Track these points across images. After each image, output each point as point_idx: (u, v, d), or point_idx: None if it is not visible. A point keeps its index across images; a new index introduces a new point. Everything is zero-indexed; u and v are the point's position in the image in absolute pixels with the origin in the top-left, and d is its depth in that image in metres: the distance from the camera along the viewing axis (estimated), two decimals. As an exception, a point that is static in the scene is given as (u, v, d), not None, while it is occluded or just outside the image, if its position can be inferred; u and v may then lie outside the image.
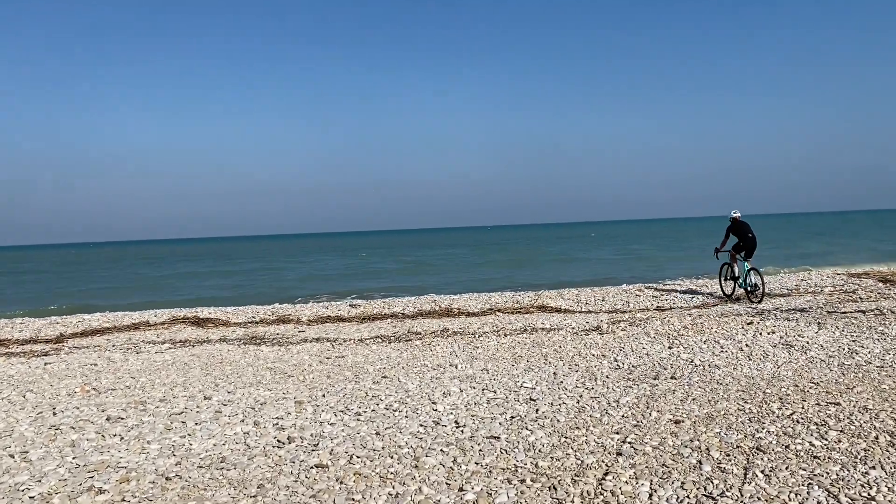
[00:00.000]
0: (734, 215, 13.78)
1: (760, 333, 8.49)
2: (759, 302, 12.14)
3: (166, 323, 12.90)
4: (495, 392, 6.24)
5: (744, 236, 13.10)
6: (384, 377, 7.17)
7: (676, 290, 14.52)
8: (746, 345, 7.87)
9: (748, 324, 9.29)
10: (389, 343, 9.50)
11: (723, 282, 13.56)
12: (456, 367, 7.49)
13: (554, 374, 6.96)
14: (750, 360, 7.16)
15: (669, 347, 8.05)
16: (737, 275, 13.07)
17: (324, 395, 6.40)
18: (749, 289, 12.50)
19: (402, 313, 12.77)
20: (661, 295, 13.75)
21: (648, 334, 9.06)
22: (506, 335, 9.62)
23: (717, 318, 9.93)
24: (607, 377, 6.72)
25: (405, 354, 8.55)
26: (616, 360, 7.51)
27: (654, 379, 6.54)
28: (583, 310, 12.52)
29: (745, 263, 12.88)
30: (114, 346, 10.43)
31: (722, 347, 7.84)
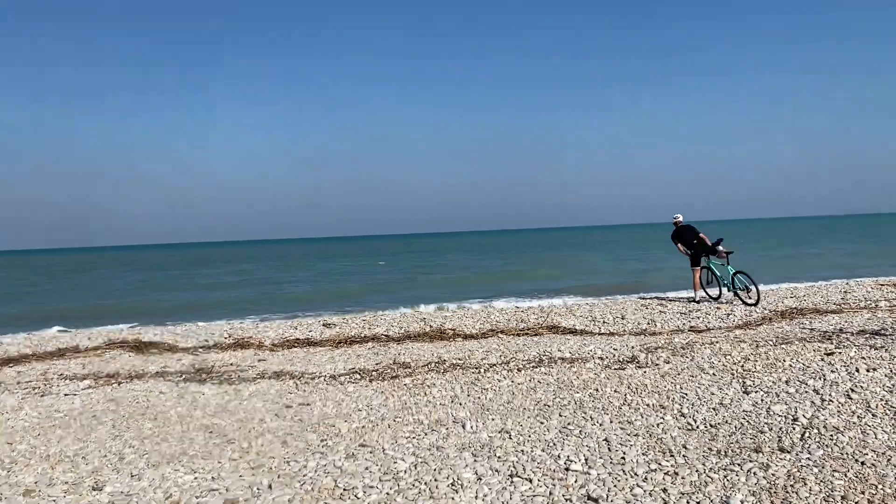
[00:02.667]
0: (675, 219, 13.22)
1: (857, 370, 6.47)
2: (755, 304, 11.97)
3: (100, 348, 10.65)
4: (531, 480, 4.15)
5: (688, 244, 12.92)
6: (363, 445, 5.05)
7: (701, 304, 12.55)
8: (852, 389, 5.84)
9: (828, 354, 7.29)
10: (370, 381, 7.37)
11: (705, 286, 13.33)
12: (463, 427, 5.38)
13: (606, 440, 4.89)
14: (874, 416, 5.14)
15: (745, 392, 6.01)
16: (718, 275, 12.98)
17: (271, 486, 4.27)
18: (738, 292, 12.46)
19: (386, 335, 10.64)
20: (690, 311, 11.76)
21: (704, 369, 7.02)
22: (519, 369, 7.52)
23: (781, 346, 7.91)
24: (685, 447, 4.66)
25: (391, 401, 6.43)
26: (683, 415, 5.45)
27: (756, 451, 4.50)
28: (602, 330, 10.47)
29: (729, 267, 12.56)
30: (18, 383, 8.18)
31: (818, 393, 5.81)
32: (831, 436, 4.72)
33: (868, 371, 6.40)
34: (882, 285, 13.91)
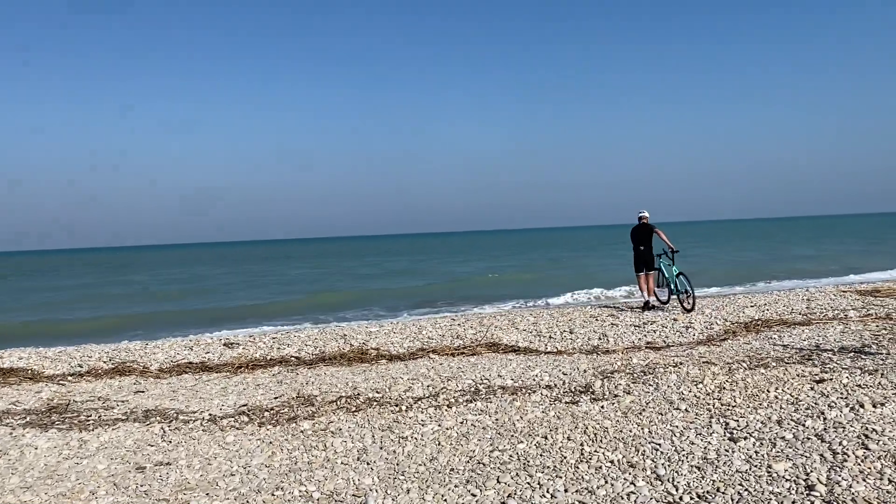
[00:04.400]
0: (639, 215, 12.36)
1: (860, 405, 5.26)
2: (691, 310, 11.56)
3: (-55, 377, 8.72)
4: None
5: (635, 247, 12.12)
6: (216, 543, 3.52)
7: (654, 311, 11.40)
8: (865, 435, 4.59)
9: (817, 381, 6.10)
10: (259, 426, 5.81)
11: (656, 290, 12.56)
12: (365, 506, 3.91)
13: (561, 529, 3.48)
14: (909, 478, 3.88)
15: (732, 439, 4.71)
16: (667, 277, 12.19)
17: None
18: (679, 296, 11.90)
19: (297, 357, 9.05)
20: (644, 324, 10.54)
21: (674, 403, 5.73)
22: (449, 406, 6.08)
23: (759, 370, 6.69)
24: (671, 540, 3.30)
25: (278, 459, 4.89)
26: (659, 478, 4.11)
27: (771, 546, 3.16)
28: (548, 348, 9.14)
29: (674, 267, 11.88)
30: None
31: (825, 441, 4.53)
32: (868, 516, 3.43)
33: (875, 407, 5.20)
34: (844, 292, 13.05)
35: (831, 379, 6.12)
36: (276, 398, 6.80)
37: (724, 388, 6.12)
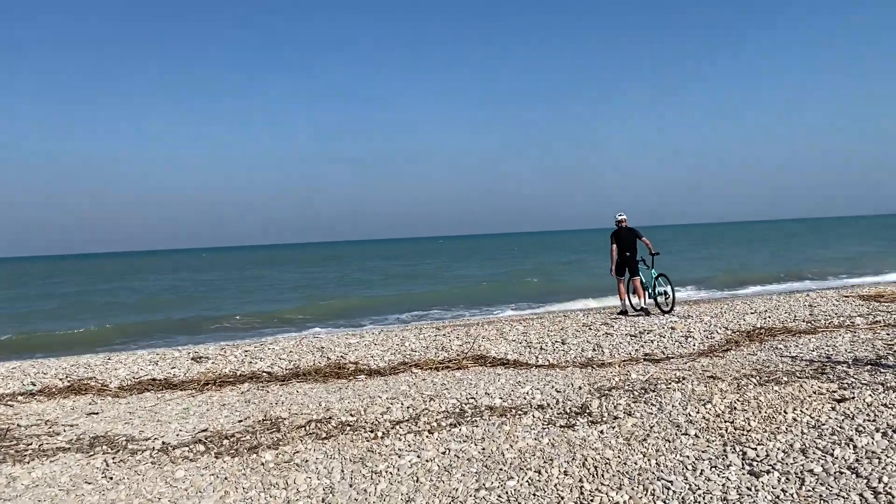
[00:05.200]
0: (618, 218, 11.73)
1: (894, 431, 4.67)
2: (670, 311, 11.67)
3: None
4: None
5: (622, 252, 11.58)
6: None
7: (650, 321, 10.80)
8: (906, 468, 4.01)
9: (839, 400, 5.52)
10: (217, 457, 5.14)
11: (630, 295, 12.26)
12: (324, 570, 3.26)
13: None
14: (969, 526, 3.29)
15: (752, 473, 4.11)
16: (644, 281, 11.92)
17: None
18: (657, 298, 11.84)
19: (269, 372, 8.37)
20: (641, 333, 9.93)
21: (681, 427, 5.12)
22: (430, 431, 5.44)
23: (772, 386, 6.10)
24: None
25: (230, 500, 4.23)
26: (674, 526, 3.49)
27: None
28: (539, 360, 8.52)
29: (652, 271, 11.67)
30: None
31: (860, 475, 3.93)
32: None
33: (909, 432, 4.61)
34: (846, 297, 12.52)
35: (853, 397, 5.54)
36: (240, 421, 6.13)
37: (736, 408, 5.52)
